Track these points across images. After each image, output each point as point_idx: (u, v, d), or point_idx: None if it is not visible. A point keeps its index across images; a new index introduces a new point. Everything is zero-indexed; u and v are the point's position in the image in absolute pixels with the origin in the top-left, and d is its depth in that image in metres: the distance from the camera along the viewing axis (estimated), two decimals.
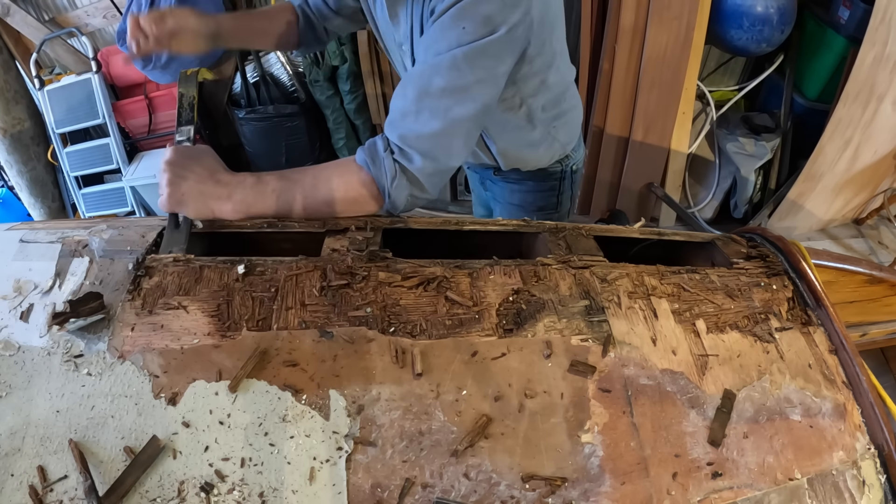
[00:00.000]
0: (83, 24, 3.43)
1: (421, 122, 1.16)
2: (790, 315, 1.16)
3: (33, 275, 1.07)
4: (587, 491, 0.89)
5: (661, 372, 1.01)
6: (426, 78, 1.15)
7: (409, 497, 0.86)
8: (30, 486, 0.84)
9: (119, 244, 1.12)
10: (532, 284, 1.10)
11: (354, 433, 0.90)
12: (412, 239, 1.26)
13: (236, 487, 0.85)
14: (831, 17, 2.94)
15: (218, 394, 0.91)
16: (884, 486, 0.99)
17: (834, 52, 2.96)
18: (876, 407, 1.03)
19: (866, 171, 3.01)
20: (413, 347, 0.98)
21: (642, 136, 3.14)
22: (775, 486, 0.94)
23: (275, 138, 3.56)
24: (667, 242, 1.39)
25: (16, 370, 0.94)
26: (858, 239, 3.33)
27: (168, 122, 3.57)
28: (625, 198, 3.39)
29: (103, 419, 0.89)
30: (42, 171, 3.79)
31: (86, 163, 3.54)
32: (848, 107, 2.76)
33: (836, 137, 2.86)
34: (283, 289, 1.05)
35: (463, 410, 0.93)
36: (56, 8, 3.41)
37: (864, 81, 2.68)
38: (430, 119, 1.15)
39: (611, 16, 2.91)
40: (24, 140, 3.63)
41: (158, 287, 1.04)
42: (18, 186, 3.78)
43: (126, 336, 0.97)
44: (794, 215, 3.22)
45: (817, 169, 2.99)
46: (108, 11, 3.40)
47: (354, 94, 3.46)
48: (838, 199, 3.17)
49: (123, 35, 3.09)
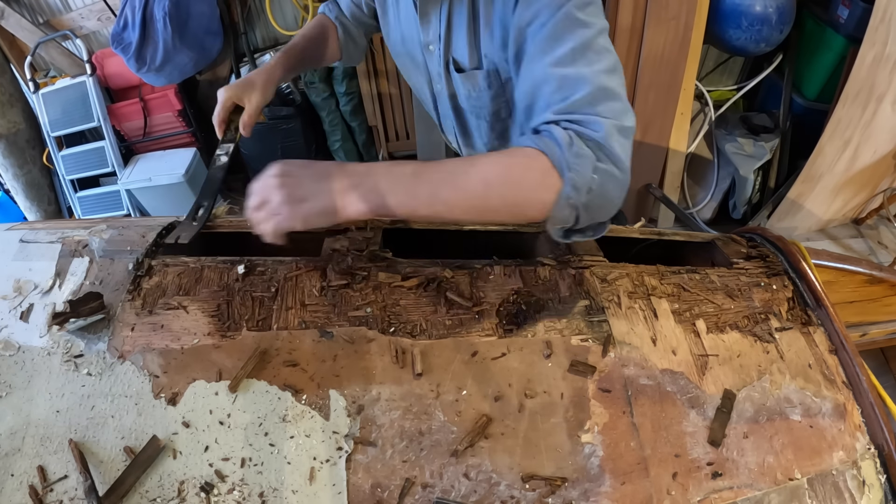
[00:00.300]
0: (78, 27, 3.42)
1: (568, 88, 0.96)
2: (790, 315, 1.16)
3: (33, 275, 1.07)
4: (587, 491, 0.89)
5: (661, 372, 1.01)
6: (552, 52, 0.99)
7: (409, 497, 0.86)
8: (30, 486, 0.84)
9: (119, 244, 1.12)
10: (532, 284, 1.10)
11: (354, 433, 0.90)
12: (412, 239, 1.26)
13: (236, 487, 0.85)
14: (830, 16, 2.94)
15: (218, 394, 0.91)
16: (884, 486, 0.99)
17: (833, 51, 2.96)
18: (876, 407, 1.03)
19: (866, 171, 3.01)
20: (413, 347, 0.98)
21: (640, 136, 3.13)
22: (775, 486, 0.94)
23: (270, 141, 3.56)
24: (667, 242, 1.39)
25: (16, 370, 0.94)
26: (858, 239, 3.33)
27: (163, 125, 3.56)
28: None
29: (103, 419, 0.89)
30: (38, 175, 3.78)
31: (81, 166, 3.54)
32: (847, 107, 2.76)
33: (835, 137, 2.86)
34: (283, 289, 1.05)
35: (463, 410, 0.93)
36: (50, 10, 3.40)
37: (864, 81, 2.67)
38: (577, 83, 0.96)
39: (608, 16, 2.91)
40: (19, 143, 3.62)
41: (158, 287, 1.04)
42: (14, 190, 3.77)
43: (126, 336, 0.97)
44: (793, 215, 3.21)
45: (817, 169, 2.99)
46: (103, 14, 3.39)
47: (350, 95, 3.46)
48: (838, 199, 3.17)
49: (118, 37, 3.08)
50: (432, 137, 3.27)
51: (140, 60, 3.09)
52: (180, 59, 3.15)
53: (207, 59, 3.34)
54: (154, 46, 3.07)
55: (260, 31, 3.45)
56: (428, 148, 3.34)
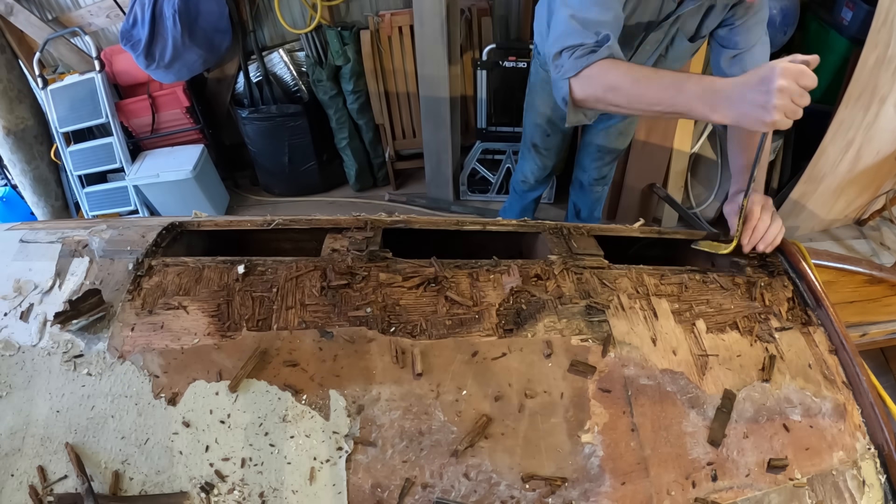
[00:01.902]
0: (86, 24, 3.43)
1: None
2: (790, 315, 1.16)
3: (33, 275, 1.07)
4: (587, 491, 0.89)
5: (661, 372, 1.01)
6: None
7: (409, 497, 0.86)
8: (30, 486, 0.84)
9: (119, 244, 1.12)
10: (532, 284, 1.10)
11: (354, 433, 0.89)
12: (412, 239, 1.26)
13: (236, 487, 0.85)
14: (834, 18, 2.93)
15: (218, 394, 0.91)
16: (884, 486, 0.99)
17: (836, 53, 2.95)
18: (876, 407, 1.03)
19: (868, 173, 3.00)
20: (413, 347, 0.98)
21: (644, 136, 3.13)
22: (775, 486, 0.94)
23: (278, 138, 3.56)
24: (667, 242, 1.39)
25: (16, 370, 0.94)
26: (860, 240, 3.33)
27: (171, 122, 3.57)
28: (627, 198, 3.38)
29: (103, 419, 0.89)
30: (45, 170, 3.79)
31: (89, 162, 3.54)
32: (850, 108, 2.75)
33: (838, 139, 2.85)
34: (283, 289, 1.05)
35: (463, 410, 0.93)
36: (59, 7, 3.41)
37: (867, 83, 2.67)
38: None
39: None
40: (27, 139, 3.63)
41: (158, 287, 1.04)
42: (22, 185, 3.78)
43: (126, 336, 0.97)
44: (796, 216, 3.21)
45: (819, 170, 2.98)
46: (112, 11, 3.40)
47: (357, 93, 3.46)
48: (840, 200, 3.17)
49: (127, 34, 3.09)
50: (439, 136, 3.27)
51: (149, 57, 3.10)
52: (189, 57, 3.16)
53: (216, 57, 3.35)
54: (163, 44, 3.08)
55: (268, 28, 3.45)
56: (434, 146, 3.35)
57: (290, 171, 3.71)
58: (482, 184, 3.67)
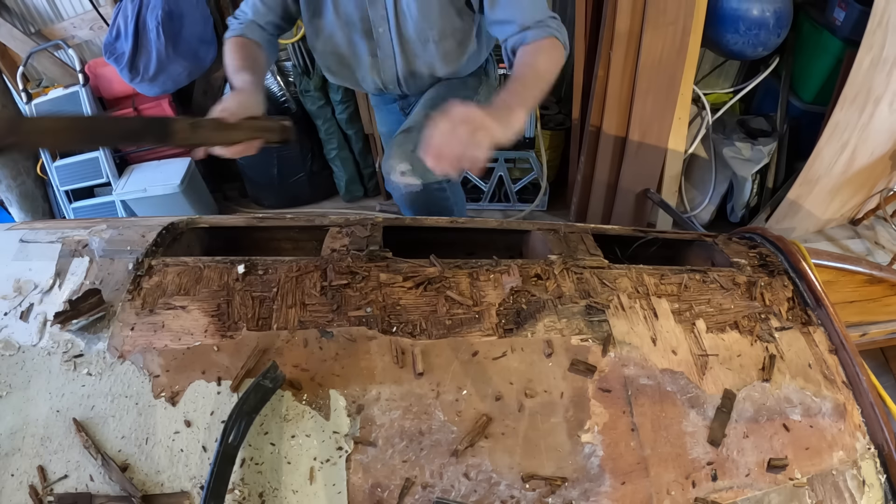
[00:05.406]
0: (70, 37, 3.39)
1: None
2: (790, 315, 1.16)
3: (33, 275, 1.07)
4: (587, 491, 0.89)
5: (661, 372, 1.01)
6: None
7: (409, 497, 0.86)
8: (30, 485, 0.84)
9: (119, 244, 1.12)
10: (532, 284, 1.10)
11: (354, 433, 0.89)
12: (412, 239, 1.26)
13: (236, 487, 0.85)
14: (827, 18, 2.94)
15: (220, 393, 0.91)
16: (884, 486, 0.99)
17: (830, 54, 2.96)
18: (876, 407, 1.03)
19: (863, 173, 3.01)
20: (413, 347, 0.98)
21: (638, 141, 3.14)
22: (775, 486, 0.94)
23: (266, 149, 3.51)
24: (667, 242, 1.40)
25: (16, 370, 0.94)
26: (855, 240, 3.34)
27: None
28: (621, 202, 3.38)
29: (103, 419, 0.89)
30: (31, 186, 3.74)
31: (76, 176, 3.51)
32: (845, 109, 2.76)
33: (833, 140, 2.86)
34: (283, 288, 1.05)
35: (463, 410, 0.93)
36: (42, 20, 3.37)
37: (862, 84, 2.68)
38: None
39: (605, 21, 2.91)
40: (12, 154, 3.61)
41: (158, 287, 1.04)
42: (8, 201, 3.74)
43: (126, 336, 0.97)
44: (791, 217, 3.22)
45: (815, 171, 2.99)
46: (95, 23, 3.36)
47: (346, 103, 3.43)
48: (835, 200, 3.18)
49: (111, 47, 3.06)
50: None
51: (133, 70, 3.07)
52: (174, 69, 3.12)
53: (201, 69, 3.31)
54: (147, 56, 3.04)
55: None
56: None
57: (280, 183, 3.67)
58: (474, 192, 3.64)
